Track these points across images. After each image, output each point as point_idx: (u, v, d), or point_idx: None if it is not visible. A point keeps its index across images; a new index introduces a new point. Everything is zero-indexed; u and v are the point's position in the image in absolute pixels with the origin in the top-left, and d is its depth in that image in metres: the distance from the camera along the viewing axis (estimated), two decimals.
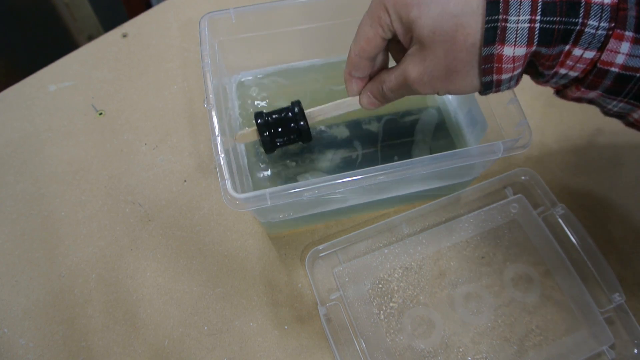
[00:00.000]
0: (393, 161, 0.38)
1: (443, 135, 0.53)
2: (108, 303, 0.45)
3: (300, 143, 0.45)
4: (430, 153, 0.51)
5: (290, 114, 0.42)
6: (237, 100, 0.54)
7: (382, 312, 0.44)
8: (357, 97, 0.40)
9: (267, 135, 0.42)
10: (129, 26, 0.63)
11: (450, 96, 0.55)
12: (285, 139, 0.43)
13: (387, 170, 0.37)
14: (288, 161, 0.50)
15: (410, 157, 0.38)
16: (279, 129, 0.42)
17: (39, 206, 0.50)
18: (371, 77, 0.39)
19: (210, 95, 0.41)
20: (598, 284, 0.45)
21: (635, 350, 0.43)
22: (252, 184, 0.49)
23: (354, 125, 0.53)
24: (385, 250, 0.47)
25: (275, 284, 0.46)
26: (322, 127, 0.52)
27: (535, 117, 0.56)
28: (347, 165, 0.50)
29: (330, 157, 0.50)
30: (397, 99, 0.38)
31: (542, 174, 0.52)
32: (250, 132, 0.43)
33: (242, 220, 0.49)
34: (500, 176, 0.51)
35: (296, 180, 0.49)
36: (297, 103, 0.43)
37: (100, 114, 0.56)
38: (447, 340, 0.43)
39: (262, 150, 0.51)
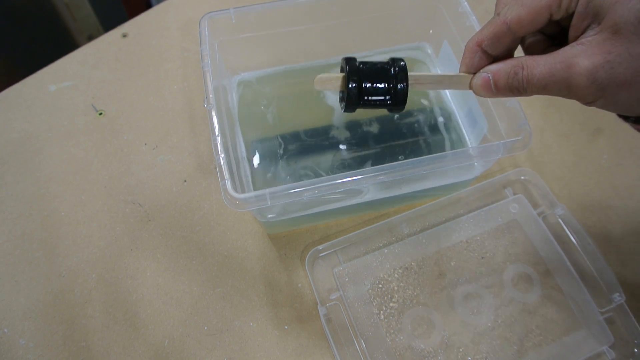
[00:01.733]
0: (393, 162, 0.38)
1: (443, 135, 0.53)
2: (108, 303, 0.45)
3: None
4: (431, 153, 0.51)
5: (390, 70, 0.34)
6: (237, 101, 0.54)
7: (382, 312, 0.44)
8: (468, 76, 0.33)
9: (354, 87, 0.33)
10: (129, 26, 0.63)
11: (450, 96, 0.55)
12: (374, 98, 0.34)
13: (387, 170, 0.37)
14: (288, 161, 0.50)
15: (410, 157, 0.38)
16: (370, 85, 0.34)
17: (39, 206, 0.50)
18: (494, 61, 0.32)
19: (210, 95, 0.41)
20: (598, 284, 0.45)
21: (636, 350, 0.43)
22: (252, 184, 0.49)
23: (354, 126, 0.53)
24: (385, 250, 0.47)
25: (275, 284, 0.46)
26: (323, 127, 0.52)
27: (535, 117, 0.56)
28: (348, 166, 0.50)
29: (330, 158, 0.50)
30: (526, 95, 0.30)
31: (542, 174, 0.52)
32: (335, 79, 0.35)
33: (242, 220, 0.49)
34: (500, 176, 0.51)
35: (296, 180, 0.49)
36: (399, 60, 0.34)
37: (100, 114, 0.56)
38: (447, 340, 0.43)
39: (261, 150, 0.51)
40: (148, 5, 0.98)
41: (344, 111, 0.36)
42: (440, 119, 0.53)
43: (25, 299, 0.45)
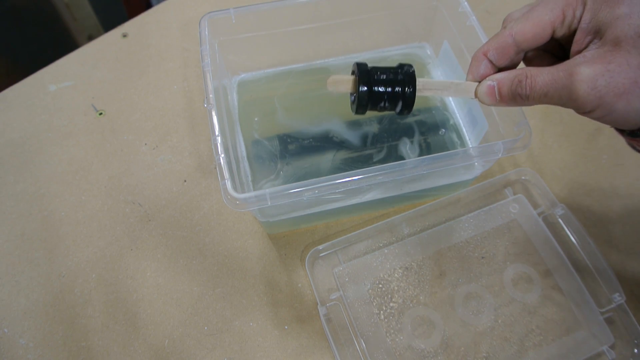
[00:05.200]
0: (393, 161, 0.38)
1: (443, 135, 0.53)
2: (108, 303, 0.45)
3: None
4: (431, 153, 0.51)
5: (399, 75, 0.35)
6: (237, 101, 0.54)
7: (382, 312, 0.44)
8: (474, 84, 0.34)
9: (364, 90, 0.34)
10: (129, 26, 0.63)
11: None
12: (382, 103, 0.35)
13: (386, 170, 0.37)
14: (288, 161, 0.50)
15: (410, 157, 0.38)
16: (380, 89, 0.35)
17: (39, 206, 0.50)
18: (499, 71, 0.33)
19: (210, 95, 0.41)
20: (598, 284, 0.45)
21: (636, 350, 0.43)
22: (252, 184, 0.49)
23: (355, 126, 0.53)
24: (385, 250, 0.47)
25: (275, 284, 0.46)
26: (323, 127, 0.52)
27: (535, 117, 0.56)
28: (348, 166, 0.50)
29: (330, 158, 0.50)
30: (528, 104, 0.31)
31: (542, 174, 0.52)
32: (346, 81, 0.36)
33: (242, 220, 0.49)
34: (500, 176, 0.51)
35: (296, 181, 0.49)
36: (408, 66, 0.36)
37: (100, 114, 0.56)
38: (447, 340, 0.43)
39: (261, 150, 0.51)
40: (148, 5, 0.98)
41: (355, 113, 0.37)
42: (441, 119, 0.53)
43: (25, 299, 0.45)
